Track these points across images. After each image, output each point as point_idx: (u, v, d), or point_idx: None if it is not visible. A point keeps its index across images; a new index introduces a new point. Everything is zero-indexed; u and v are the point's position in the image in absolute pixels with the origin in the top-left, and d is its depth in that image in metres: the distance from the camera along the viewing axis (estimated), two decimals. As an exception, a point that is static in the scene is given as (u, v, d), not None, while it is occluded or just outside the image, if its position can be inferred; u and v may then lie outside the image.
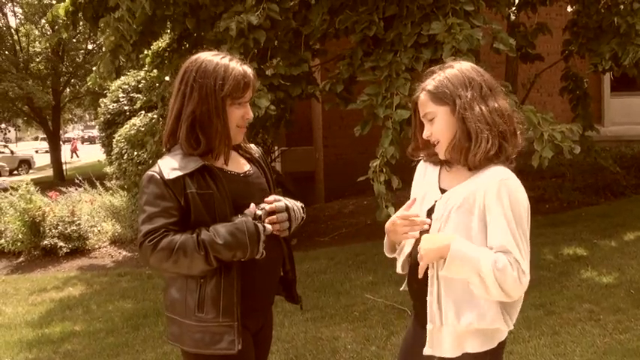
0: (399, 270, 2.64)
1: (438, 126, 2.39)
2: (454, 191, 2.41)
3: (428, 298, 2.42)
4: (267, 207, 2.58)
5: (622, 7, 7.88)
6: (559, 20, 11.62)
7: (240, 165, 2.72)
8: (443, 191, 2.48)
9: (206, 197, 2.49)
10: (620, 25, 7.67)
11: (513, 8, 9.38)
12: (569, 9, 9.68)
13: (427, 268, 2.39)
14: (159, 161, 2.55)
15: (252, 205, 2.55)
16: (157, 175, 2.48)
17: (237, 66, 2.57)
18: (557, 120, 6.56)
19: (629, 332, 5.12)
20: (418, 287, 2.49)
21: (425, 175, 2.63)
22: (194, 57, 2.62)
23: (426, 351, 2.44)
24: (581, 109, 9.83)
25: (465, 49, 5.99)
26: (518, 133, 2.41)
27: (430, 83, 2.42)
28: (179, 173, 2.47)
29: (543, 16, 10.42)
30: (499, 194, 2.28)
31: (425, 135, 2.46)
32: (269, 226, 2.53)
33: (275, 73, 6.95)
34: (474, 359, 2.40)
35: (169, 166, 2.50)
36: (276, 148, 14.67)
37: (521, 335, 5.24)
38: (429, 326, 2.42)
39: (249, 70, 2.62)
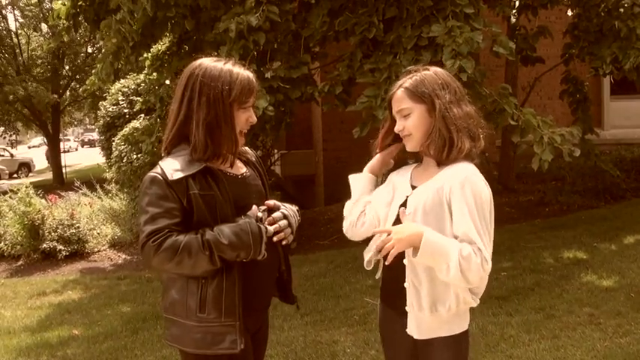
0: (366, 266, 2.78)
1: (413, 122, 2.55)
2: (425, 186, 2.57)
3: (405, 284, 2.56)
4: (267, 221, 2.62)
5: (622, 10, 7.87)
6: (559, 24, 11.62)
7: (237, 167, 2.74)
8: (414, 188, 2.62)
9: (208, 198, 2.52)
10: (620, 29, 7.67)
11: (514, 11, 9.39)
12: (569, 12, 9.68)
13: (401, 256, 2.51)
14: (160, 163, 2.57)
15: (254, 207, 2.59)
16: (160, 177, 2.50)
17: (241, 71, 2.61)
18: (557, 123, 6.56)
19: (629, 336, 5.11)
20: (394, 274, 2.62)
21: (392, 180, 2.77)
22: (197, 62, 2.64)
23: (410, 332, 2.60)
24: (581, 112, 9.84)
25: (465, 52, 5.99)
26: (481, 136, 2.58)
27: (407, 82, 2.58)
28: (182, 174, 2.49)
29: (543, 19, 10.43)
30: (463, 188, 2.43)
31: (397, 129, 2.61)
32: (270, 228, 2.59)
33: (274, 75, 6.94)
34: (453, 341, 2.58)
35: (172, 168, 2.51)
36: (276, 151, 14.68)
37: (521, 339, 5.23)
38: (408, 309, 2.58)
39: (251, 74, 2.65)
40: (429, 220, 2.47)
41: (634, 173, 11.59)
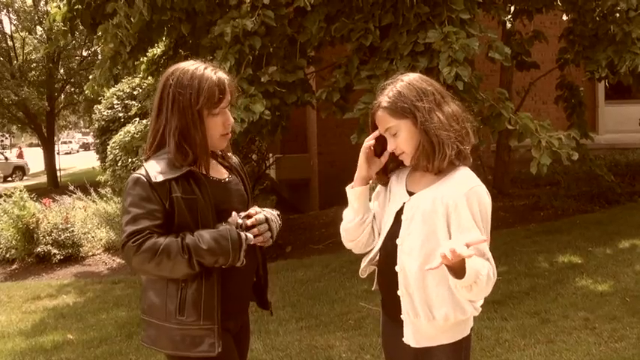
0: (361, 274, 2.79)
1: (402, 138, 2.52)
2: (422, 194, 2.54)
3: (399, 292, 2.55)
4: (249, 222, 2.64)
5: (617, 15, 7.89)
6: (553, 29, 11.65)
7: (220, 172, 2.79)
8: (410, 194, 2.59)
9: (190, 202, 2.56)
10: (615, 33, 7.68)
11: (509, 16, 9.40)
12: (564, 17, 9.70)
13: (393, 263, 2.55)
14: (145, 164, 2.62)
15: (234, 213, 2.62)
16: (144, 178, 2.54)
17: (212, 75, 2.62)
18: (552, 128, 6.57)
19: (624, 340, 5.11)
20: (387, 281, 2.63)
21: (387, 188, 2.73)
22: (172, 68, 2.69)
23: (406, 341, 2.57)
24: (576, 117, 9.88)
25: (461, 58, 5.99)
26: (470, 131, 2.56)
27: (384, 100, 2.53)
28: (165, 177, 2.53)
29: (538, 24, 10.46)
30: (469, 201, 2.42)
31: (390, 148, 2.57)
32: (251, 236, 2.61)
33: (270, 79, 6.94)
34: (451, 350, 2.54)
35: (156, 170, 2.55)
36: (270, 155, 14.66)
37: (517, 344, 5.23)
38: (403, 317, 2.56)
39: (224, 76, 2.67)
40: (424, 229, 2.46)
41: (628, 178, 11.62)
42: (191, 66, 2.64)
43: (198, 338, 2.56)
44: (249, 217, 2.67)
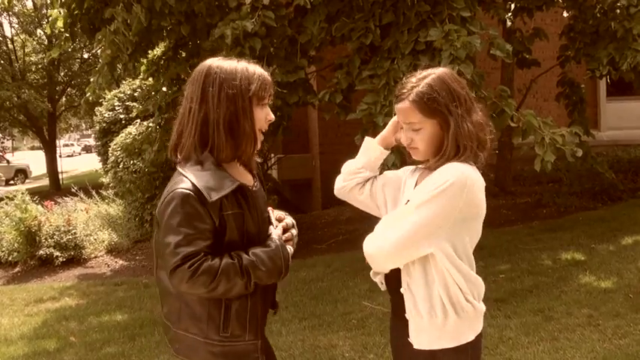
0: (372, 277, 2.72)
1: (423, 137, 2.46)
2: (417, 189, 2.54)
3: (402, 290, 2.51)
4: (281, 225, 2.60)
5: (618, 11, 7.87)
6: (554, 26, 11.63)
7: (248, 179, 2.63)
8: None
9: (238, 217, 2.43)
10: (616, 30, 7.66)
11: (509, 14, 9.39)
12: (565, 14, 9.68)
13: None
14: (190, 177, 2.40)
15: (271, 227, 2.56)
16: (194, 194, 2.35)
17: (256, 67, 2.53)
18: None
19: (628, 337, 5.10)
20: (392, 281, 2.58)
21: (403, 180, 2.73)
22: (208, 62, 2.53)
23: (411, 340, 2.52)
24: (577, 114, 9.85)
25: (463, 56, 5.98)
26: (488, 139, 2.51)
27: (415, 93, 2.44)
28: (219, 195, 2.38)
29: (539, 21, 10.45)
30: (432, 175, 2.42)
31: (404, 142, 2.54)
32: (291, 249, 2.57)
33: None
34: (454, 353, 2.46)
35: (206, 186, 2.38)
36: (272, 155, 14.66)
37: (520, 341, 5.22)
38: (407, 315, 2.51)
39: (265, 71, 2.59)
40: None
41: (631, 174, 11.60)
42: (229, 59, 2.53)
43: (243, 354, 2.48)
44: (285, 230, 2.61)
